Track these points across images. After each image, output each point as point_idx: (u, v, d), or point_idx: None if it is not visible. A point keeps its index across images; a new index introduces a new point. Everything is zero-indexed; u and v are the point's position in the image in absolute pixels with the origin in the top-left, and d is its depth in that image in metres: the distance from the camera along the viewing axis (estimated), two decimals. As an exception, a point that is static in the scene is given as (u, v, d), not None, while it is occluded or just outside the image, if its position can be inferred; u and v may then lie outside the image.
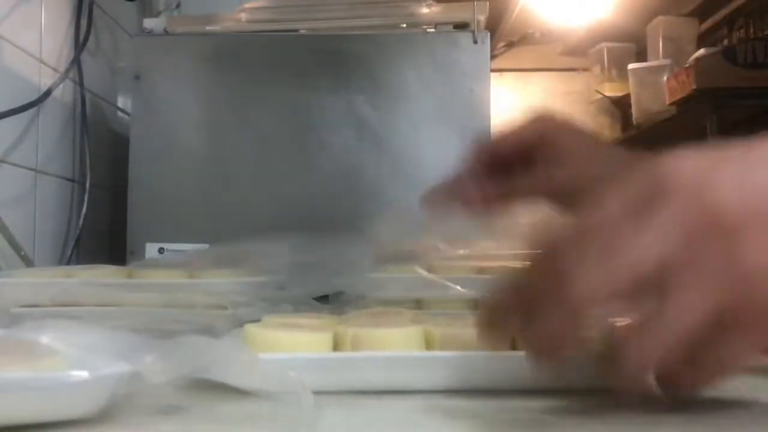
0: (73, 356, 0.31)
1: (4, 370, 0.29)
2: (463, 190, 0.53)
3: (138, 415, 0.33)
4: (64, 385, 0.29)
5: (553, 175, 0.51)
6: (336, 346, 0.39)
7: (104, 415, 0.33)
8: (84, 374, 0.29)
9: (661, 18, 2.39)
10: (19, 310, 0.55)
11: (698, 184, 0.29)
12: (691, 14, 2.40)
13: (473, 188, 0.52)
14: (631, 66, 2.45)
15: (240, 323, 0.46)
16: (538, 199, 0.53)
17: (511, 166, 0.53)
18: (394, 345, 0.39)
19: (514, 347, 0.41)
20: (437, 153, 1.05)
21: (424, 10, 1.07)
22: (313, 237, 0.65)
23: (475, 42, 1.02)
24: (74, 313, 0.55)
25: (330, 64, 1.03)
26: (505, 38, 2.44)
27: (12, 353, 0.31)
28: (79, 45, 1.08)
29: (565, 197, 0.50)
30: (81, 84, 1.10)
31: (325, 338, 0.39)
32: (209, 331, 0.48)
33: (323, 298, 0.69)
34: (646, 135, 2.60)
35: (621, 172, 0.31)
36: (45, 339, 0.32)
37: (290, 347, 0.38)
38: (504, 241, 0.70)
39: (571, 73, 2.90)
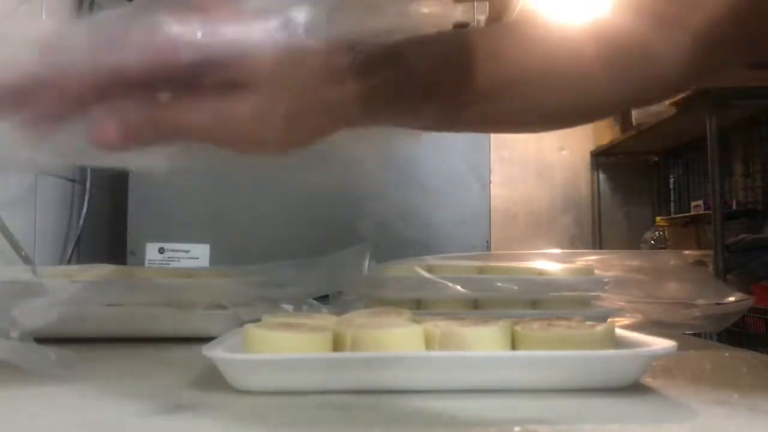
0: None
1: None
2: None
3: (138, 415, 0.33)
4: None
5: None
6: (336, 346, 0.39)
7: (105, 414, 0.34)
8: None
9: (661, 18, 2.39)
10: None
11: None
12: (691, 14, 2.39)
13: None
14: (631, 66, 2.45)
15: (240, 323, 0.46)
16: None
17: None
18: (394, 345, 0.39)
19: (514, 347, 0.41)
20: (437, 153, 1.05)
21: (425, 10, 1.07)
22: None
23: (475, 42, 1.02)
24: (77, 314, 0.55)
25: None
26: (505, 38, 2.43)
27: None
28: (79, 45, 1.08)
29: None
30: (81, 84, 1.10)
31: (325, 338, 0.39)
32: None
33: (323, 298, 0.69)
34: (646, 135, 2.60)
35: None
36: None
37: (290, 347, 0.38)
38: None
39: (571, 73, 2.90)
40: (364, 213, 1.02)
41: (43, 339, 0.41)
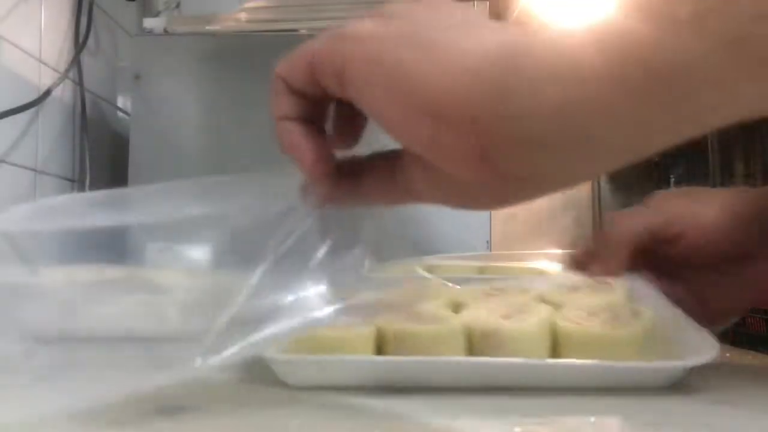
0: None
1: None
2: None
3: (138, 415, 0.33)
4: None
5: None
6: (379, 342, 0.40)
7: (105, 414, 0.33)
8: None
9: (661, 18, 2.39)
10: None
11: None
12: (691, 14, 2.40)
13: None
14: (631, 66, 2.45)
15: (240, 323, 0.46)
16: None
17: None
18: (435, 342, 0.39)
19: (555, 343, 0.41)
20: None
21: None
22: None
23: (476, 42, 1.02)
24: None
25: (330, 64, 1.03)
26: (505, 38, 2.44)
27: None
28: (79, 45, 1.08)
29: None
30: (81, 84, 1.10)
31: (368, 335, 0.39)
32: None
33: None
34: (646, 135, 2.59)
35: None
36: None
37: (334, 345, 0.38)
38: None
39: (571, 73, 2.91)
40: (364, 213, 1.02)
41: (44, 339, 0.41)
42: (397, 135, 0.29)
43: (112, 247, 0.38)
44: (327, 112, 0.33)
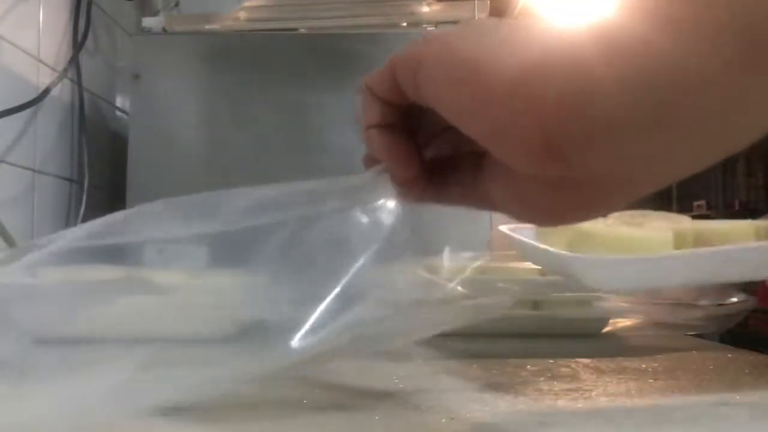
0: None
1: None
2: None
3: (138, 415, 0.33)
4: None
5: None
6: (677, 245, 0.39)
7: (105, 414, 0.33)
8: None
9: (661, 17, 2.39)
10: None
11: None
12: (691, 13, 2.40)
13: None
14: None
15: (240, 323, 0.46)
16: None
17: None
18: (739, 238, 0.38)
19: None
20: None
21: (425, 8, 1.07)
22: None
23: (476, 41, 1.02)
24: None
25: (330, 63, 1.03)
26: (504, 37, 2.44)
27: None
28: (78, 44, 1.08)
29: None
30: (79, 83, 1.10)
31: (667, 237, 0.39)
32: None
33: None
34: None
35: None
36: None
37: (645, 246, 0.38)
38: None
39: (571, 72, 2.90)
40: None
41: (43, 339, 0.41)
42: (465, 125, 0.29)
43: (112, 247, 0.38)
44: (417, 118, 0.35)
